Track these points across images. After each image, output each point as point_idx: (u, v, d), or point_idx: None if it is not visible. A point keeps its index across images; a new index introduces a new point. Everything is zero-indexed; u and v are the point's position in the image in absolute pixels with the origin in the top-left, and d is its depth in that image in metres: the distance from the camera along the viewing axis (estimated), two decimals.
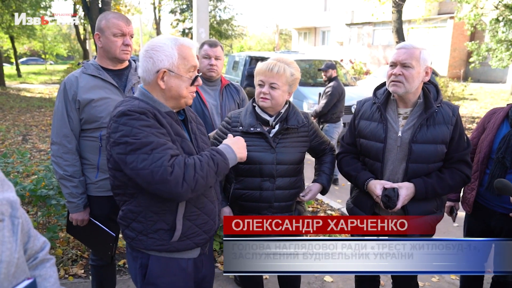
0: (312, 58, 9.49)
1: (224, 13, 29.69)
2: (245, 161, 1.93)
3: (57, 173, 2.11)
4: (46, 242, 1.09)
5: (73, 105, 2.06)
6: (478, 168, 2.22)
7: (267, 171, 1.98)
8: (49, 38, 30.47)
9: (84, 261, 3.15)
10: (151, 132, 1.39)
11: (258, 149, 1.97)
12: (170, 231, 1.53)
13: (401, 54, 1.86)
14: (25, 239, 1.00)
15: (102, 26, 2.07)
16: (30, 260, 1.04)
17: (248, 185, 2.01)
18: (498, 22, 12.46)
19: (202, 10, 7.04)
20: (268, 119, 2.00)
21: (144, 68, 1.50)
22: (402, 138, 1.91)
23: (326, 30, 30.13)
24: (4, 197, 0.92)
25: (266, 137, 1.97)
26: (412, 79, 1.85)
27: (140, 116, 1.40)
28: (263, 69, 1.93)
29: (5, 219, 0.90)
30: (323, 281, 3.11)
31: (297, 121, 2.03)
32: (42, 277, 1.05)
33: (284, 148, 2.00)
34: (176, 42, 1.50)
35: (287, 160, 2.00)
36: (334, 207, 4.68)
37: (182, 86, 1.51)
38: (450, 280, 3.21)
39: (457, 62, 22.33)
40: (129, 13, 18.01)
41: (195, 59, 1.54)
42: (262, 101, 1.95)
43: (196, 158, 1.45)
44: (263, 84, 1.94)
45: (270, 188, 2.00)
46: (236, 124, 2.02)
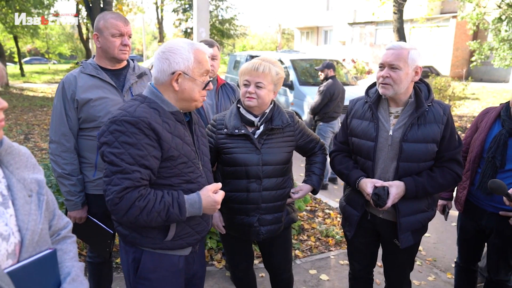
0: (313, 58, 9.50)
1: (226, 12, 29.73)
2: (231, 163, 1.98)
3: (56, 171, 2.14)
4: (69, 222, 1.27)
5: (71, 104, 2.09)
6: (469, 167, 2.24)
7: (253, 173, 1.98)
8: (53, 37, 30.60)
9: (82, 258, 3.18)
10: (128, 152, 1.42)
11: (243, 150, 1.98)
12: (164, 231, 1.56)
13: (389, 55, 1.87)
14: (50, 216, 1.17)
15: (100, 26, 2.10)
16: (54, 235, 1.21)
17: (235, 187, 2.01)
18: (501, 21, 12.39)
19: (203, 10, 7.05)
20: (253, 120, 2.00)
21: (159, 69, 1.52)
22: (393, 137, 1.92)
23: (329, 30, 30.08)
24: (34, 177, 1.10)
25: (250, 139, 1.98)
26: (400, 81, 1.86)
27: (129, 130, 1.43)
28: (248, 69, 1.95)
29: (33, 195, 1.07)
30: (319, 279, 3.14)
31: (282, 121, 2.03)
32: (63, 250, 1.20)
33: (270, 148, 2.00)
34: (192, 47, 1.53)
35: (273, 160, 2.00)
36: (332, 206, 4.71)
37: (195, 90, 1.54)
38: (446, 279, 3.22)
39: (459, 62, 22.25)
40: (131, 12, 18.05)
41: (208, 64, 1.58)
42: (248, 101, 1.96)
43: (150, 201, 1.44)
44: (248, 83, 1.95)
45: (257, 189, 2.00)
46: (221, 127, 2.02)
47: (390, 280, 2.24)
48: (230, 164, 2.00)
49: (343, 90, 5.49)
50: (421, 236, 2.08)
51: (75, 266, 1.19)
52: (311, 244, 3.71)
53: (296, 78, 8.28)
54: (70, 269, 1.17)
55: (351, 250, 2.26)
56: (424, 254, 3.65)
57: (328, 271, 3.26)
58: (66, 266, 1.17)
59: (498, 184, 1.76)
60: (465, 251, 2.46)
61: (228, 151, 1.99)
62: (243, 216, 2.04)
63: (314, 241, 3.78)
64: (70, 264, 1.18)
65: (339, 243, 3.75)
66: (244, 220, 2.04)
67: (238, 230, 2.08)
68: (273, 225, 2.06)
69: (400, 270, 2.18)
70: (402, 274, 2.19)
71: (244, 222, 2.04)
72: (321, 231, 3.94)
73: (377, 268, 3.04)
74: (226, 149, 2.00)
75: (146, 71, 2.35)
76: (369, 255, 2.23)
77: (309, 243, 3.73)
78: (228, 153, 1.99)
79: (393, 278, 2.22)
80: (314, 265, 3.34)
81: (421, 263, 3.46)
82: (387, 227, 2.03)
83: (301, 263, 3.35)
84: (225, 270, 3.18)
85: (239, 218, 2.05)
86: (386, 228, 2.04)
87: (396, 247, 2.03)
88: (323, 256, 3.51)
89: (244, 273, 2.31)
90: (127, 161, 1.42)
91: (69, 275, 1.15)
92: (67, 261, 1.18)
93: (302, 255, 3.51)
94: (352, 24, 27.01)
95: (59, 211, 1.21)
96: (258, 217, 2.03)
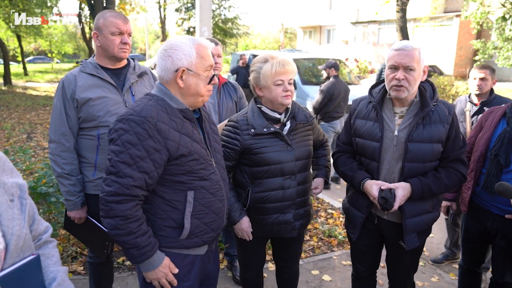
0: (315, 57, 9.47)
1: (229, 12, 29.71)
2: (263, 163, 1.97)
3: (55, 171, 2.12)
4: (49, 226, 1.25)
5: (71, 103, 2.07)
6: (474, 167, 2.21)
7: (289, 169, 1.99)
8: (56, 37, 30.66)
9: (83, 258, 3.17)
10: (128, 152, 1.43)
11: (275, 148, 1.97)
12: (178, 228, 1.56)
13: (403, 56, 1.80)
14: (30, 221, 1.15)
15: (100, 25, 2.07)
16: (35, 241, 1.18)
17: (268, 186, 1.99)
18: (505, 20, 12.33)
19: (205, 9, 7.04)
20: (278, 117, 2.00)
21: (162, 67, 1.53)
22: (398, 137, 1.89)
23: (331, 29, 30.00)
24: (14, 181, 1.08)
25: (281, 136, 1.98)
26: (415, 82, 1.83)
27: (133, 129, 1.43)
28: (285, 69, 1.92)
29: (14, 199, 1.05)
30: (321, 280, 3.11)
31: (305, 116, 2.08)
32: (45, 255, 1.18)
33: (298, 143, 2.03)
34: (194, 42, 1.53)
35: (303, 155, 2.04)
36: (335, 206, 4.67)
37: (200, 85, 1.54)
38: (450, 280, 3.19)
39: (463, 61, 22.14)
40: (134, 11, 18.05)
41: (211, 58, 1.58)
42: (287, 99, 1.96)
43: (129, 230, 1.44)
44: (282, 83, 1.93)
45: (292, 185, 2.02)
46: (246, 127, 1.98)
47: (393, 281, 2.21)
48: (261, 164, 1.98)
49: (346, 90, 5.41)
50: (426, 238, 2.05)
51: (60, 271, 1.18)
52: (313, 244, 3.68)
53: (298, 77, 8.25)
54: (56, 274, 1.16)
55: (355, 251, 2.23)
56: (428, 254, 3.62)
57: (330, 271, 3.23)
58: (51, 271, 1.16)
59: (505, 187, 1.73)
60: (469, 253, 2.42)
61: (258, 151, 1.96)
62: (278, 214, 2.03)
63: (317, 241, 3.75)
64: (55, 269, 1.17)
65: (341, 244, 3.72)
66: (279, 218, 2.04)
67: (271, 230, 2.07)
68: (304, 219, 2.12)
69: (404, 272, 2.15)
70: (406, 275, 2.16)
71: (280, 220, 2.04)
72: (324, 231, 3.91)
73: (380, 269, 3.00)
74: (256, 149, 1.96)
75: (147, 70, 2.32)
76: (373, 257, 2.20)
77: (312, 243, 3.70)
78: (258, 153, 1.96)
79: (396, 279, 2.19)
80: (317, 266, 3.32)
81: (424, 263, 3.42)
82: (392, 228, 2.00)
83: (303, 264, 3.32)
84: (226, 271, 3.16)
85: (273, 217, 2.03)
86: (391, 229, 2.01)
87: (400, 248, 2.00)
88: (325, 256, 3.48)
89: (256, 275, 2.30)
90: (124, 161, 1.43)
91: (54, 280, 1.14)
92: (51, 266, 1.17)
93: (304, 255, 3.48)
94: (355, 23, 26.92)
95: (39, 216, 1.20)
96: (293, 213, 2.05)
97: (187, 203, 1.54)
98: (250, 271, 2.29)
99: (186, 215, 1.54)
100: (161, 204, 1.54)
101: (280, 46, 30.26)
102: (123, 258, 3.24)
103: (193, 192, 1.56)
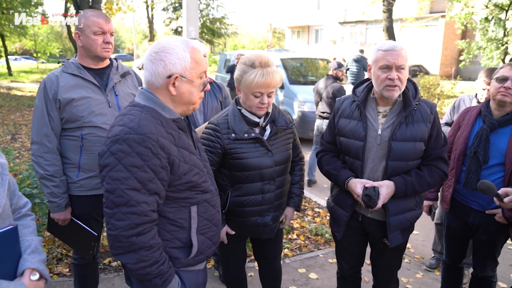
0: (303, 57, 9.51)
1: (217, 11, 29.64)
2: (243, 168, 1.94)
3: (38, 173, 2.09)
4: (28, 202, 1.41)
5: (53, 104, 2.05)
6: (454, 165, 2.25)
7: (268, 175, 1.99)
8: (41, 36, 30.17)
9: (69, 259, 3.13)
10: (134, 176, 1.28)
11: (256, 154, 1.95)
12: (185, 248, 1.47)
13: (396, 56, 1.81)
14: (10, 195, 1.31)
15: (81, 24, 2.05)
16: (14, 213, 1.35)
17: (248, 191, 1.99)
18: (488, 21, 12.53)
19: (192, 9, 7.01)
20: (257, 121, 1.98)
21: (153, 72, 1.37)
22: (382, 136, 1.91)
23: (319, 29, 30.17)
24: None
25: (262, 141, 1.96)
26: (405, 81, 1.86)
27: (134, 150, 1.28)
28: (267, 83, 1.85)
29: None
30: (308, 278, 3.13)
31: (285, 121, 2.06)
32: (23, 226, 1.34)
33: (277, 148, 2.02)
34: (187, 45, 1.39)
35: (283, 160, 2.04)
36: (322, 205, 4.71)
37: (194, 93, 1.42)
38: (434, 276, 3.24)
39: (448, 61, 22.49)
40: (120, 11, 17.86)
41: (204, 63, 1.46)
42: (261, 111, 1.94)
43: (154, 259, 1.33)
44: (261, 95, 1.89)
45: (271, 190, 2.02)
46: (227, 131, 1.94)
47: (378, 278, 2.24)
48: (241, 169, 1.96)
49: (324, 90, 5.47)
50: (409, 235, 2.08)
51: (34, 240, 1.33)
52: (300, 243, 3.70)
53: (286, 77, 8.27)
54: (30, 242, 1.32)
55: (340, 249, 2.25)
56: (413, 251, 3.67)
57: (317, 269, 3.25)
58: (27, 240, 1.32)
59: (487, 185, 1.77)
60: (452, 249, 2.47)
61: (239, 156, 1.94)
62: (257, 217, 2.04)
63: (304, 239, 3.77)
64: (30, 238, 1.33)
65: (328, 242, 3.74)
66: (258, 221, 2.04)
67: (250, 231, 2.08)
68: (279, 220, 2.16)
69: (388, 269, 2.18)
70: (390, 272, 2.19)
71: (258, 223, 2.05)
72: (311, 229, 3.93)
73: (366, 266, 3.04)
74: (236, 154, 1.94)
75: (130, 71, 2.31)
76: (357, 255, 2.22)
77: (299, 241, 3.72)
78: (239, 158, 1.94)
79: (381, 276, 2.22)
80: (303, 264, 3.33)
81: (409, 260, 3.47)
82: (376, 226, 2.03)
83: (290, 262, 3.34)
84: (214, 270, 3.15)
85: (252, 220, 2.04)
86: (375, 227, 2.03)
87: (384, 246, 2.02)
88: (312, 254, 3.51)
89: (237, 272, 2.30)
90: (133, 187, 1.28)
91: (29, 248, 1.30)
92: (27, 235, 1.33)
93: (291, 254, 3.50)
94: (343, 23, 27.11)
95: (19, 192, 1.35)
96: (272, 215, 2.06)
97: (192, 220, 1.45)
98: (231, 270, 2.29)
99: (192, 233, 1.45)
100: (165, 225, 1.42)
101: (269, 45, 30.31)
102: (110, 259, 3.21)
103: (196, 206, 1.47)
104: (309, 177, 5.50)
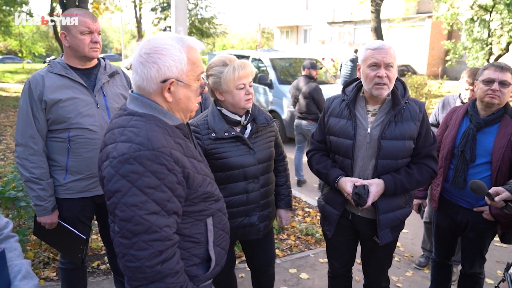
0: (292, 56, 9.52)
1: (206, 11, 29.52)
2: (225, 168, 1.92)
3: (23, 176, 2.04)
4: (9, 222, 1.30)
5: (39, 105, 2.00)
6: (442, 164, 2.28)
7: (251, 173, 1.98)
8: (26, 36, 29.65)
9: (56, 263, 3.08)
10: (152, 199, 1.13)
11: (237, 153, 1.94)
12: (202, 263, 1.37)
13: (384, 54, 1.83)
14: None
15: (67, 24, 2.01)
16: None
17: (232, 191, 1.98)
18: (473, 22, 12.76)
19: (181, 8, 6.96)
20: (239, 119, 1.97)
21: (144, 76, 1.20)
22: (371, 135, 1.92)
23: (308, 29, 30.30)
24: None
25: (243, 140, 1.96)
26: (394, 79, 1.88)
27: (149, 169, 1.12)
28: (246, 72, 1.89)
29: None
30: (299, 278, 3.13)
31: (265, 119, 2.06)
32: (8, 249, 1.25)
33: (259, 146, 2.02)
34: (183, 43, 1.23)
35: (265, 157, 2.03)
36: (312, 204, 4.71)
37: (192, 98, 1.27)
38: (423, 274, 3.27)
39: (435, 61, 22.80)
40: (107, 10, 17.67)
41: (202, 63, 1.29)
42: (249, 103, 1.94)
43: (181, 280, 1.22)
44: (244, 86, 1.91)
45: (256, 188, 2.01)
46: (207, 132, 1.93)
47: (368, 276, 2.25)
48: (223, 169, 1.95)
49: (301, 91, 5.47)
50: (399, 233, 2.09)
51: (24, 264, 1.24)
52: (291, 243, 3.70)
53: (275, 77, 8.27)
54: (20, 267, 1.23)
55: (330, 248, 2.26)
56: (403, 250, 3.70)
57: (308, 269, 3.26)
58: (15, 264, 1.23)
59: (478, 185, 1.79)
60: (442, 247, 2.49)
61: (220, 156, 1.93)
62: (243, 218, 2.03)
63: (294, 240, 3.77)
64: (19, 262, 1.24)
65: (319, 242, 3.75)
66: (244, 221, 2.03)
67: (237, 232, 2.05)
68: (268, 220, 2.13)
69: (379, 267, 2.19)
70: (381, 270, 2.20)
71: (245, 223, 2.03)
72: (301, 229, 3.93)
73: (356, 265, 3.05)
74: (217, 154, 1.93)
75: (118, 70, 2.27)
76: (348, 254, 2.23)
77: (289, 242, 3.72)
78: (220, 158, 1.93)
79: (371, 274, 2.23)
80: (294, 264, 3.33)
81: (399, 259, 3.50)
82: (366, 224, 2.04)
83: (281, 262, 3.33)
84: None
85: (238, 220, 2.02)
86: (365, 225, 2.04)
87: (375, 244, 2.03)
88: (303, 254, 3.51)
89: (226, 275, 2.27)
90: (152, 212, 1.14)
91: (19, 273, 1.21)
92: (14, 259, 1.24)
93: (282, 254, 3.49)
94: (331, 23, 27.28)
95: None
96: (258, 215, 2.05)
97: (209, 233, 1.35)
98: (220, 273, 2.26)
99: (210, 246, 1.36)
100: (181, 243, 1.29)
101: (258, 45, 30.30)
102: (98, 262, 3.16)
103: (211, 218, 1.36)
104: (298, 177, 5.46)
